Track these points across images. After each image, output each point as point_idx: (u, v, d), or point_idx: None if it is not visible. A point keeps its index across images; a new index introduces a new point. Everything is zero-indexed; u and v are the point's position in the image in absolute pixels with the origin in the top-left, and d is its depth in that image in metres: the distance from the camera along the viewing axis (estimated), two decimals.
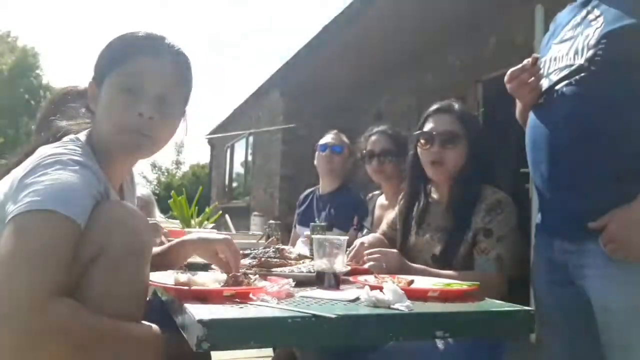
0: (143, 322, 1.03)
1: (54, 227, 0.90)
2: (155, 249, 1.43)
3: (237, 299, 1.02)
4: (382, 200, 2.54)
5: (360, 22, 5.08)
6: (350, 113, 7.40)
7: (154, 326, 1.03)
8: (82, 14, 61.49)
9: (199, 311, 0.88)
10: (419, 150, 1.75)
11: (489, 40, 4.62)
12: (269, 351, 2.43)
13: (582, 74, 1.30)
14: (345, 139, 2.90)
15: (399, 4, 4.54)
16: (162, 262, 1.37)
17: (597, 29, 1.29)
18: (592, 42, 1.29)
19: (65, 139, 1.11)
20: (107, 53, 1.16)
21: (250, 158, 10.13)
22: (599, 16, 1.31)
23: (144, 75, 1.12)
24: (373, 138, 2.50)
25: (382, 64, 6.10)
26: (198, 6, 71.40)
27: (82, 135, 1.15)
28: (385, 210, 2.43)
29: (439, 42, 5.23)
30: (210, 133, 13.26)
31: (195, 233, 1.43)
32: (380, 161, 2.44)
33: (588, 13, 1.36)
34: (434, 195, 1.77)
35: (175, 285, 1.06)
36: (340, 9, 5.19)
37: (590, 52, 1.28)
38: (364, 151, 2.50)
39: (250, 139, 10.03)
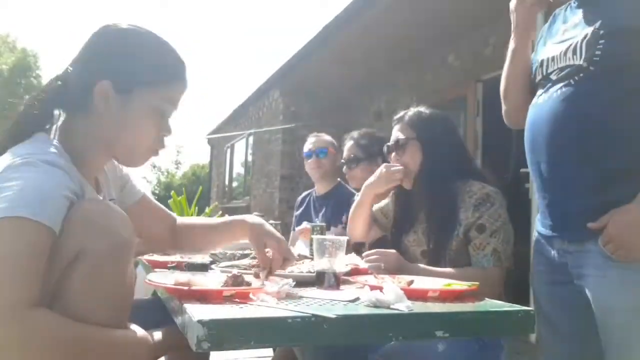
0: (131, 326, 1.00)
1: (25, 234, 0.85)
2: (208, 221, 1.46)
3: (236, 299, 1.02)
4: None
5: (360, 22, 5.07)
6: (350, 113, 7.40)
7: (141, 331, 1.01)
8: (82, 15, 61.52)
9: (198, 311, 0.88)
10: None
11: (489, 40, 4.62)
12: (269, 351, 2.43)
13: (581, 74, 1.30)
14: (326, 137, 2.91)
15: (399, 3, 4.53)
16: (213, 236, 1.41)
17: (594, 29, 1.30)
18: (591, 42, 1.29)
19: (35, 136, 1.04)
20: (139, 62, 1.09)
21: (250, 158, 10.13)
22: (596, 16, 1.32)
23: (175, 101, 1.14)
24: (345, 145, 2.54)
25: (382, 63, 6.10)
26: (198, 6, 71.37)
27: (52, 132, 1.09)
28: None
29: (439, 42, 5.23)
30: (210, 133, 13.26)
31: (255, 218, 1.40)
32: (349, 167, 2.48)
33: (586, 13, 1.36)
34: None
35: (175, 285, 1.06)
36: (340, 9, 5.19)
37: (589, 52, 1.29)
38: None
39: (250, 139, 10.03)
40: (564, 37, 1.40)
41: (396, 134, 1.81)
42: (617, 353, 1.26)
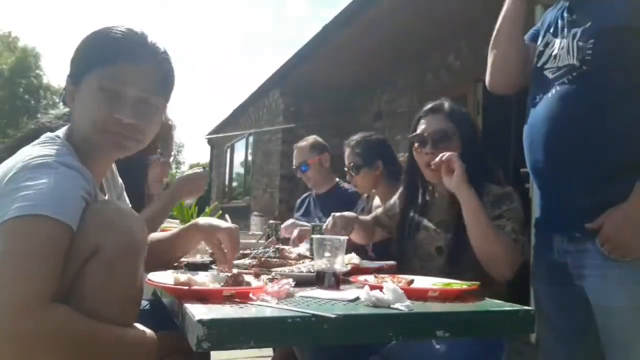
0: (137, 325, 1.01)
1: (45, 231, 0.87)
2: (164, 233, 1.47)
3: (236, 299, 1.02)
4: (377, 201, 2.54)
5: (360, 22, 5.07)
6: (350, 113, 7.40)
7: (148, 331, 1.02)
8: (82, 14, 61.53)
9: (199, 311, 0.88)
10: (414, 153, 1.75)
11: (489, 40, 4.62)
12: (269, 351, 2.43)
13: (574, 74, 1.31)
14: (306, 145, 2.91)
15: (399, 3, 4.53)
16: (173, 246, 1.41)
17: (585, 28, 1.30)
18: (581, 42, 1.29)
19: (44, 137, 1.07)
20: (85, 51, 1.12)
21: (250, 158, 10.13)
22: (588, 15, 1.32)
23: (124, 80, 1.08)
24: (344, 153, 2.52)
25: (382, 63, 6.10)
26: (198, 6, 71.42)
27: (61, 133, 1.12)
28: None
29: (439, 42, 5.23)
30: (210, 133, 13.26)
31: (207, 219, 1.43)
32: (350, 176, 2.46)
33: (578, 11, 1.36)
34: (436, 192, 1.77)
35: (175, 285, 1.06)
36: (340, 9, 5.19)
37: (581, 51, 1.29)
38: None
39: (250, 139, 10.02)
40: (558, 35, 1.40)
41: (432, 125, 1.70)
42: (617, 352, 1.26)
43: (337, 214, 1.80)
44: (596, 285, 1.29)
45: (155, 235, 1.48)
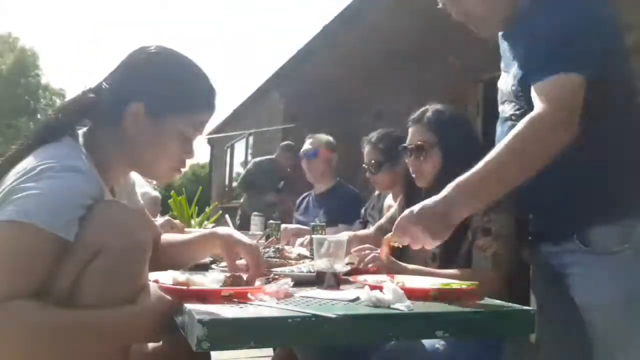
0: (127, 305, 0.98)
1: (26, 238, 0.89)
2: (180, 237, 1.44)
3: (235, 299, 1.02)
4: (389, 200, 2.53)
5: (360, 22, 5.08)
6: (350, 113, 7.39)
7: (145, 303, 0.99)
8: (82, 15, 61.57)
9: (199, 311, 0.88)
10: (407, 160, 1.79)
11: (489, 40, 4.62)
12: (269, 351, 2.43)
13: (517, 112, 1.35)
14: (320, 138, 2.93)
15: (399, 3, 4.54)
16: (188, 251, 1.38)
17: (514, 63, 1.38)
18: (510, 82, 1.38)
19: (64, 140, 1.07)
20: (176, 92, 1.13)
21: (250, 158, 10.14)
22: (512, 54, 1.41)
23: (201, 127, 1.19)
24: (364, 150, 2.51)
25: (382, 63, 6.10)
26: (198, 7, 71.48)
27: (80, 136, 1.12)
28: None
29: (439, 42, 5.23)
30: (210, 133, 13.25)
31: (227, 229, 1.38)
32: (371, 173, 2.45)
33: (507, 49, 1.47)
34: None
35: (173, 285, 1.06)
36: (340, 9, 5.19)
37: (515, 90, 1.36)
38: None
39: (250, 139, 10.04)
40: (504, 65, 1.50)
41: (414, 136, 1.73)
42: (601, 348, 1.27)
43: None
44: (578, 284, 1.31)
45: (169, 237, 1.45)
